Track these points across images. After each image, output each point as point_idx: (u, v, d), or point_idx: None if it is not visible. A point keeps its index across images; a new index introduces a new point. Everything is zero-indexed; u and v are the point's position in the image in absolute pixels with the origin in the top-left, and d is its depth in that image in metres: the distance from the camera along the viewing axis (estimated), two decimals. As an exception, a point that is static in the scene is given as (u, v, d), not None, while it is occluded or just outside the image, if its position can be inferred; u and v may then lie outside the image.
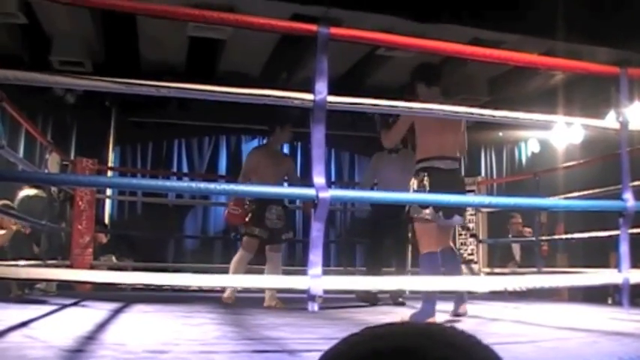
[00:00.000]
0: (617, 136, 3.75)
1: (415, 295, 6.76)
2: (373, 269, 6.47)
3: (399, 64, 8.24)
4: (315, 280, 2.69)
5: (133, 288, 7.18)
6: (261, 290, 6.05)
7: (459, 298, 4.73)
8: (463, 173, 9.81)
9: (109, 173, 9.16)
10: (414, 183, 4.54)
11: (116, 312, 4.79)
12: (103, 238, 8.64)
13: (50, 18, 7.41)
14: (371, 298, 6.30)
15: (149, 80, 2.86)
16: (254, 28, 3.09)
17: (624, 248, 3.55)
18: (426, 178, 4.45)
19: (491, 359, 0.75)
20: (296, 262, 9.89)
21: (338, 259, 10.15)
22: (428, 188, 4.40)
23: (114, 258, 8.54)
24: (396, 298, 6.43)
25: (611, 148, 6.16)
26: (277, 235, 6.05)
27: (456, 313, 4.71)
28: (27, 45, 7.98)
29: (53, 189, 6.75)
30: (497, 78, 9.08)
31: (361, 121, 9.35)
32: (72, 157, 8.26)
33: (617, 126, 3.77)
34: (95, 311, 4.75)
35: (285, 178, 6.44)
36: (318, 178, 2.80)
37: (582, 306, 6.76)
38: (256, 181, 6.01)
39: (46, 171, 6.42)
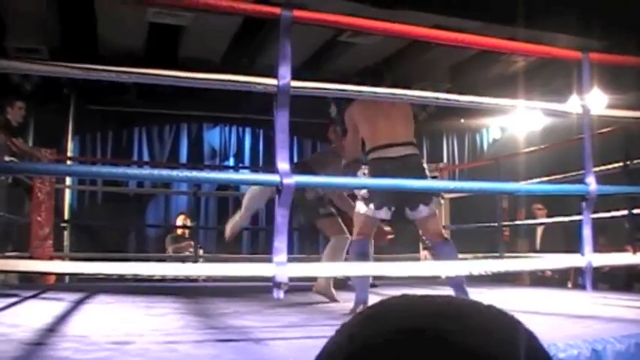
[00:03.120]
0: (579, 121, 3.78)
1: (386, 280, 6.82)
2: None
3: (362, 51, 8.23)
4: (281, 267, 2.66)
5: (95, 279, 7.09)
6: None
7: (460, 288, 4.41)
8: (425, 160, 9.88)
9: (69, 163, 9.00)
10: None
11: (78, 303, 4.72)
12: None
13: (4, 2, 7.24)
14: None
15: (108, 66, 2.79)
16: (215, 10, 3.04)
17: (587, 232, 3.59)
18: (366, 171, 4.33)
19: (535, 349, 0.61)
20: (259, 251, 9.87)
21: (301, 247, 10.14)
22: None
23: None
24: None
25: (569, 136, 6.24)
26: None
27: None
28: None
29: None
30: (459, 64, 9.12)
31: (324, 108, 9.33)
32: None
33: (579, 110, 3.80)
34: (57, 303, 4.66)
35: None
36: (282, 164, 2.76)
37: (545, 290, 6.84)
38: None
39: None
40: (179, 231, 9.35)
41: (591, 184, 3.55)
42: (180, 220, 9.39)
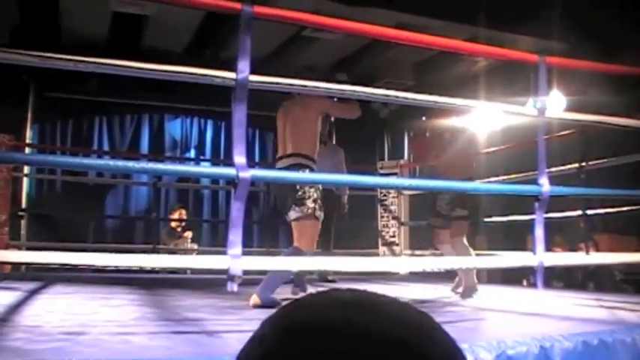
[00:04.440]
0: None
1: (343, 276, 6.86)
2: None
3: (326, 47, 8.24)
4: (235, 260, 2.67)
5: (51, 269, 7.03)
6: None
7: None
8: (386, 157, 9.91)
9: (27, 150, 8.88)
10: None
11: (33, 293, 4.68)
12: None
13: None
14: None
15: (70, 55, 2.77)
16: (177, 3, 3.04)
17: (539, 232, 3.66)
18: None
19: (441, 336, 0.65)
20: (219, 243, 9.84)
21: (261, 240, 10.13)
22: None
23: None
24: (325, 276, 6.49)
25: (531, 136, 6.34)
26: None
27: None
28: None
29: None
30: (421, 63, 9.17)
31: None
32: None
33: (534, 112, 3.87)
34: (11, 293, 4.62)
35: None
36: (239, 158, 2.78)
37: (500, 287, 6.94)
38: None
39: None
40: (173, 224, 9.30)
41: (544, 185, 3.62)
42: (176, 214, 9.34)
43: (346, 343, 0.58)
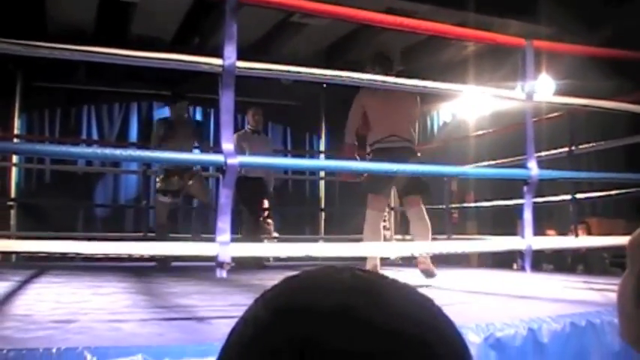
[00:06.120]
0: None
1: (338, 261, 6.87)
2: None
3: (314, 32, 8.22)
4: (224, 246, 2.68)
5: (42, 258, 7.02)
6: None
7: None
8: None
9: (15, 141, 8.84)
10: None
11: (24, 282, 4.67)
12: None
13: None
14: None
15: (56, 43, 2.75)
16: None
17: (528, 216, 3.68)
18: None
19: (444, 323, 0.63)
20: (209, 230, 9.82)
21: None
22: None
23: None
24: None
25: (520, 120, 6.37)
26: None
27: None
28: None
29: None
30: (410, 48, 9.16)
31: (274, 89, 9.32)
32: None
33: (522, 97, 3.88)
34: (1, 282, 4.60)
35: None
36: (227, 145, 2.77)
37: (490, 271, 6.97)
38: None
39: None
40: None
41: (533, 169, 3.63)
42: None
43: (345, 333, 0.56)
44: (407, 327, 0.57)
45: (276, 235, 8.79)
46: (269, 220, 8.65)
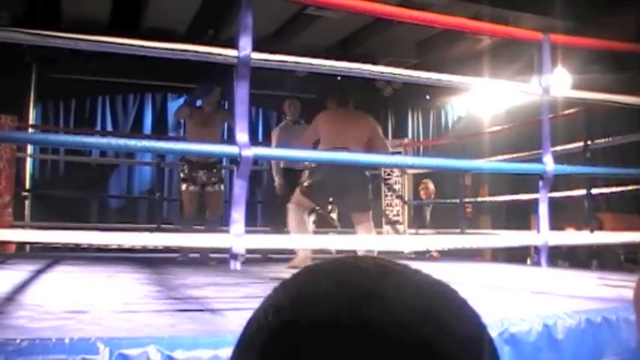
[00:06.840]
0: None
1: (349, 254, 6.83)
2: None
3: (329, 25, 8.20)
4: (238, 238, 2.67)
5: (55, 248, 7.04)
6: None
7: None
8: (390, 136, 9.88)
9: (30, 131, 8.87)
10: None
11: (38, 272, 4.68)
12: None
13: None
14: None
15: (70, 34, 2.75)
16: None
17: (543, 210, 3.65)
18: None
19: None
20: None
21: (264, 219, 10.12)
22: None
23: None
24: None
25: (536, 115, 6.34)
26: None
27: None
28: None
29: None
30: (425, 41, 9.13)
31: (289, 81, 9.30)
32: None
33: (539, 91, 3.84)
34: (16, 272, 4.62)
35: None
36: (241, 136, 2.76)
37: (504, 266, 6.94)
38: None
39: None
40: None
41: (548, 164, 3.60)
42: None
43: (372, 318, 0.54)
44: (421, 318, 0.56)
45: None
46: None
